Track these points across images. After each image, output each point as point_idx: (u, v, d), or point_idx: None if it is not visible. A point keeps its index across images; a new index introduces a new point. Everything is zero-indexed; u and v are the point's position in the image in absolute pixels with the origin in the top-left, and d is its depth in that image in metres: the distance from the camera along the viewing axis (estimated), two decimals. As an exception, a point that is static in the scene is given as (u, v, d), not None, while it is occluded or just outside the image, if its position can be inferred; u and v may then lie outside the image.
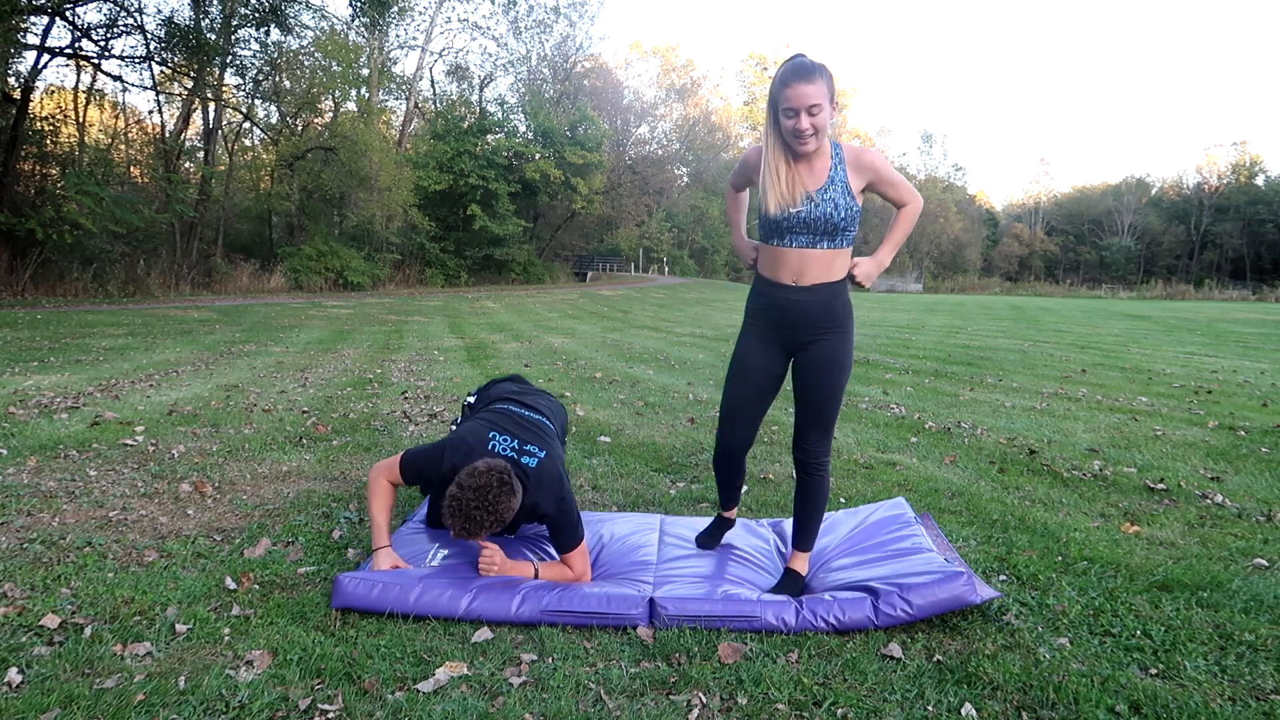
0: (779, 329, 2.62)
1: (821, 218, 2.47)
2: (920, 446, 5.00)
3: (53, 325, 11.16)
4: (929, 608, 2.43)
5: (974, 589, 2.45)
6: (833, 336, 2.58)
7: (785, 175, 2.48)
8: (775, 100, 2.43)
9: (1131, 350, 11.41)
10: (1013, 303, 30.69)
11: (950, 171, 72.46)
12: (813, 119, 2.37)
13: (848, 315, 2.60)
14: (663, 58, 54.19)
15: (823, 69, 2.39)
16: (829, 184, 2.47)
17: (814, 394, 2.60)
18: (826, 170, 2.48)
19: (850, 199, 2.47)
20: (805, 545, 2.77)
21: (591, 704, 2.06)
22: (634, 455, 4.67)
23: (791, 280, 2.54)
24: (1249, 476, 4.36)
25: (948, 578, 2.47)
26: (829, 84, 2.39)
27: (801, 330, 2.58)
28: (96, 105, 23.40)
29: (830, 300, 2.56)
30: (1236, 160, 65.94)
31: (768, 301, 2.61)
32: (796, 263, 2.53)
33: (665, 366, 8.78)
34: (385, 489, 2.78)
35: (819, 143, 2.43)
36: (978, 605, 2.50)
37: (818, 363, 2.58)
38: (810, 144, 2.41)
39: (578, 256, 44.51)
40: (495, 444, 2.74)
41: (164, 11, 36.39)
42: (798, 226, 2.49)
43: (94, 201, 16.58)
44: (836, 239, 2.51)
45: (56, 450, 4.34)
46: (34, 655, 2.20)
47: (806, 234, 2.50)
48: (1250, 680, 2.20)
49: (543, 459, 2.75)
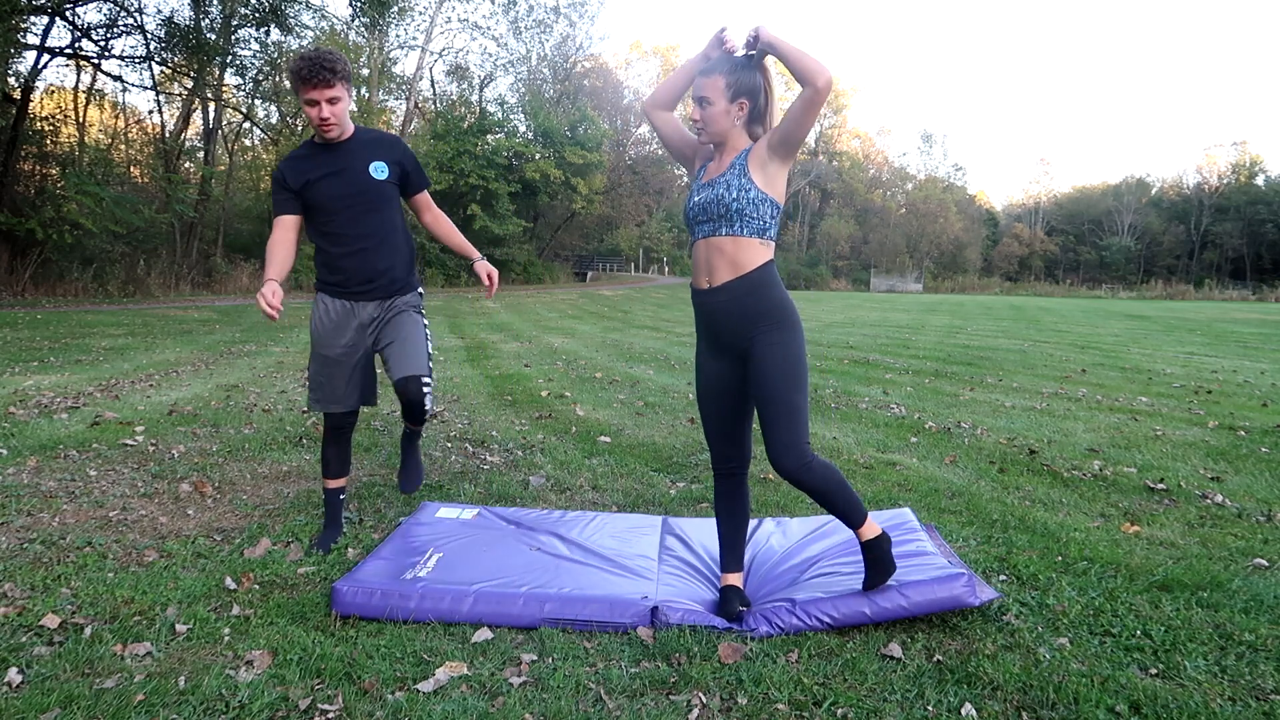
0: (714, 336, 2.53)
1: (714, 200, 2.42)
2: (920, 446, 5.00)
3: (53, 325, 11.16)
4: (926, 605, 2.43)
5: (973, 590, 2.45)
6: (766, 336, 2.40)
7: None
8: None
9: (1131, 350, 11.41)
10: (1013, 303, 30.69)
11: (950, 171, 72.37)
12: (703, 111, 2.43)
13: (778, 310, 2.41)
14: (663, 58, 54.24)
15: (735, 66, 2.40)
16: (729, 170, 2.44)
17: (766, 399, 2.39)
18: (734, 157, 2.47)
19: (745, 180, 2.39)
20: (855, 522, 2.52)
21: (591, 704, 2.06)
22: (634, 455, 4.67)
23: (705, 282, 2.47)
24: (1249, 476, 4.36)
25: (948, 578, 2.47)
26: (734, 81, 2.40)
27: (733, 334, 2.45)
28: (96, 105, 23.41)
29: (745, 298, 2.40)
30: (1236, 160, 65.92)
31: (696, 310, 2.56)
32: (704, 257, 2.46)
33: (665, 366, 8.78)
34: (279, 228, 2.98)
35: (710, 135, 2.47)
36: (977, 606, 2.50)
37: (754, 368, 2.41)
38: (702, 136, 2.49)
39: (578, 256, 44.52)
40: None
41: (164, 11, 36.36)
42: (700, 215, 2.47)
43: (94, 201, 16.58)
44: (735, 224, 2.40)
45: (56, 450, 4.34)
46: (34, 655, 2.20)
47: (707, 221, 2.45)
48: (1250, 680, 2.20)
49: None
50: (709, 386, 2.59)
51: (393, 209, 3.04)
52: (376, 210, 2.98)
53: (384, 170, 2.98)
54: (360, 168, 2.95)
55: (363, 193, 2.95)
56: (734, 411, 2.59)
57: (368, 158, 2.96)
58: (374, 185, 2.96)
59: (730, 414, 2.59)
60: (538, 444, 4.91)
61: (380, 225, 3.00)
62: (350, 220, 2.97)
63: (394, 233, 3.05)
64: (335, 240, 2.98)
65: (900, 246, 60.37)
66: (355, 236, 2.98)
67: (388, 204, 3.01)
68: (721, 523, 2.70)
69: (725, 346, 2.51)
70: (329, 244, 2.99)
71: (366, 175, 2.95)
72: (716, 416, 2.61)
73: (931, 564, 2.65)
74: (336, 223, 2.96)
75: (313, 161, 2.95)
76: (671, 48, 55.24)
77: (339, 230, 2.97)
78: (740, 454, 2.64)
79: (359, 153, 2.96)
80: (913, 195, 66.74)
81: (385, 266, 3.02)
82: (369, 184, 2.95)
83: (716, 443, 2.65)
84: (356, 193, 2.95)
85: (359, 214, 2.97)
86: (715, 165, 2.52)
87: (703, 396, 2.62)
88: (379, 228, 3.00)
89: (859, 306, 23.45)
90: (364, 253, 2.99)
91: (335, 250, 2.99)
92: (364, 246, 2.98)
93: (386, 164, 2.99)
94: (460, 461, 4.51)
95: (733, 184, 2.41)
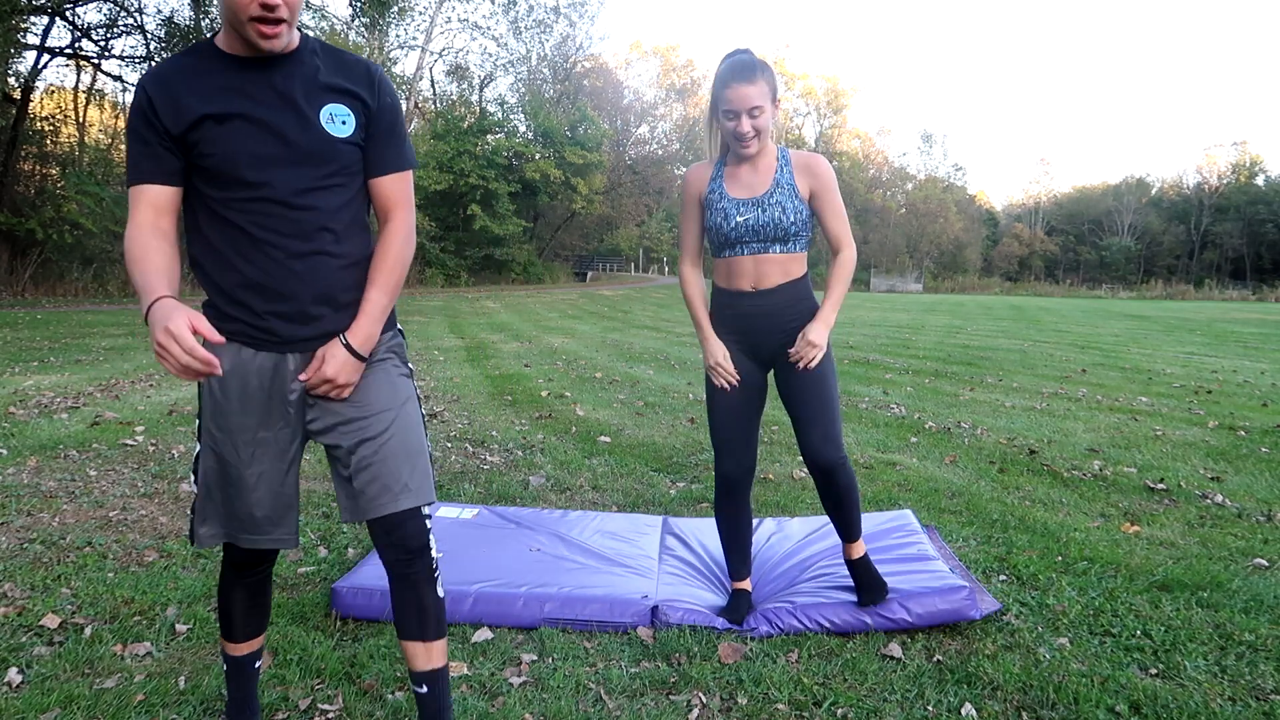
0: (748, 339, 2.45)
1: (770, 223, 2.34)
2: (920, 446, 5.00)
3: (53, 325, 11.16)
4: (928, 617, 2.44)
5: (975, 604, 2.46)
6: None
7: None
8: (715, 101, 2.33)
9: (1131, 350, 11.41)
10: (1013, 303, 30.69)
11: (950, 171, 72.31)
12: (754, 121, 2.26)
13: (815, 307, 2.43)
14: (663, 58, 54.20)
15: (764, 67, 2.28)
16: (774, 187, 2.35)
17: (807, 394, 2.40)
18: (771, 172, 2.37)
19: (799, 202, 2.35)
20: (853, 533, 2.51)
21: (591, 704, 2.06)
22: (634, 455, 4.67)
23: (750, 286, 2.40)
24: (1249, 476, 4.36)
25: (949, 589, 2.48)
26: (771, 83, 2.28)
27: (773, 336, 2.42)
28: (96, 105, 23.41)
29: (796, 302, 2.41)
30: (1236, 160, 65.94)
31: (732, 312, 2.45)
32: (753, 268, 2.38)
33: (665, 366, 8.78)
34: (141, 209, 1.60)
35: (761, 144, 2.33)
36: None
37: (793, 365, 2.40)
38: (752, 146, 2.31)
39: (578, 256, 44.53)
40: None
41: (164, 11, 36.38)
42: (746, 235, 2.36)
43: (94, 201, 16.59)
44: (789, 244, 2.37)
45: (56, 450, 4.34)
46: (34, 655, 2.21)
47: (757, 241, 2.36)
48: (1250, 680, 2.20)
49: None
50: (734, 395, 2.48)
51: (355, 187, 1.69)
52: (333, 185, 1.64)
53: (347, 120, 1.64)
54: (302, 109, 1.60)
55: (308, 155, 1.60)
56: (754, 414, 2.53)
57: (318, 97, 1.62)
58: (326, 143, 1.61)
59: (751, 416, 2.53)
60: (538, 444, 4.91)
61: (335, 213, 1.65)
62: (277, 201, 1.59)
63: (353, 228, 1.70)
64: (246, 240, 1.60)
65: (900, 246, 60.34)
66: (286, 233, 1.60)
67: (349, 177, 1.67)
68: (731, 532, 2.62)
69: (757, 351, 2.46)
70: (231, 246, 1.60)
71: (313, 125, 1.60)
72: (739, 418, 2.50)
73: (933, 571, 2.65)
74: (251, 206, 1.58)
75: (212, 82, 1.57)
76: (671, 48, 55.21)
77: (256, 220, 1.59)
78: (753, 459, 2.57)
79: (304, 83, 1.61)
80: (913, 195, 66.72)
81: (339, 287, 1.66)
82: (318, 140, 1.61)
83: (735, 447, 2.52)
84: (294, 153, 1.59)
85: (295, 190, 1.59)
86: (751, 178, 2.39)
87: (728, 399, 2.49)
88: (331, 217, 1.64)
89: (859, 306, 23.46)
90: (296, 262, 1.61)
91: (243, 258, 1.60)
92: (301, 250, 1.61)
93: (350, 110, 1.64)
94: (460, 461, 4.51)
95: (787, 207, 2.34)
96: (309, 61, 1.64)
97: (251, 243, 1.60)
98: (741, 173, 2.40)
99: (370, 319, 1.67)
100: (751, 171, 2.39)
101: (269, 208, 1.58)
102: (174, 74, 1.58)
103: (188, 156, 1.58)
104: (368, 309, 1.68)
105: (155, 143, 1.57)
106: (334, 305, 1.67)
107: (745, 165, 2.40)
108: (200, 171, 1.59)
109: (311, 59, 1.64)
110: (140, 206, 1.59)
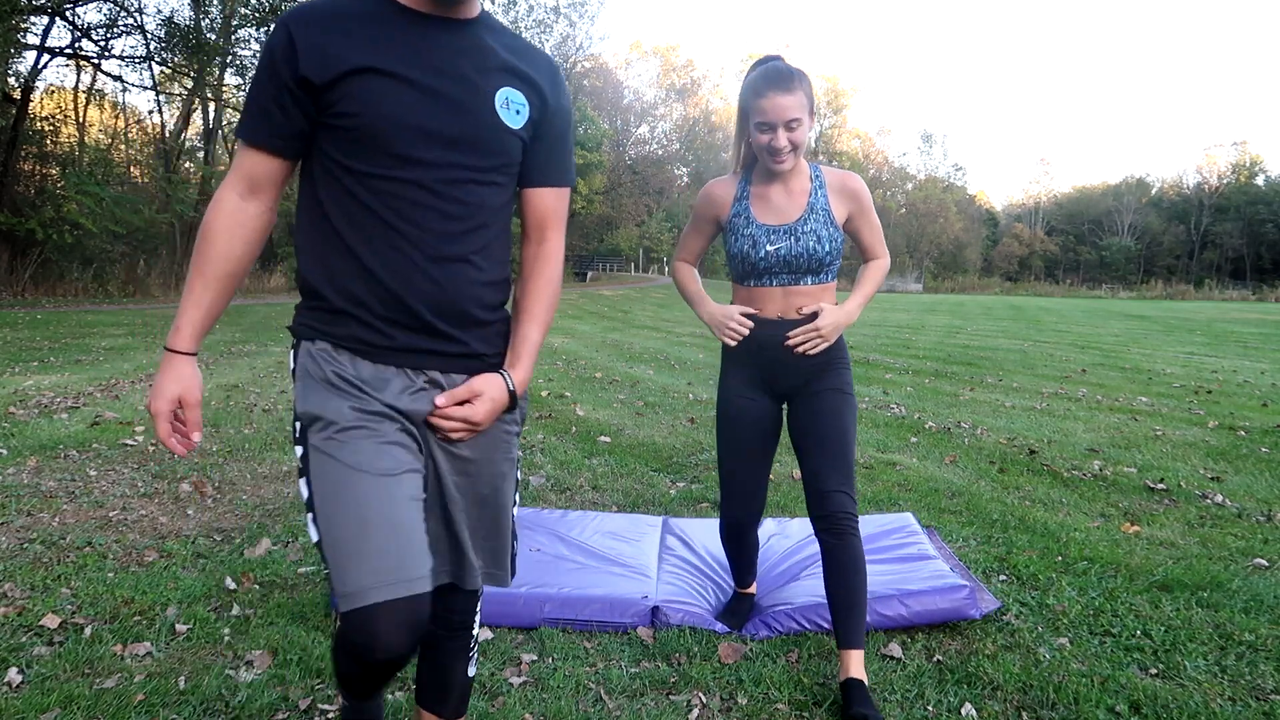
0: (767, 372, 2.22)
1: (804, 253, 2.12)
2: (920, 446, 5.00)
3: (53, 325, 11.16)
4: (927, 615, 2.44)
5: (974, 603, 2.46)
6: (835, 369, 2.21)
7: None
8: (746, 111, 2.09)
9: (1131, 350, 11.41)
10: (1013, 303, 30.69)
11: (950, 171, 72.45)
12: (791, 135, 2.03)
13: (842, 348, 2.24)
14: (663, 58, 54.24)
15: (802, 76, 2.05)
16: (808, 213, 2.13)
17: (827, 437, 2.15)
18: (805, 195, 2.15)
19: (834, 229, 2.14)
20: (856, 641, 2.09)
21: (591, 704, 2.06)
22: (634, 455, 4.67)
23: (778, 314, 2.17)
24: (1249, 476, 4.36)
25: (949, 588, 2.48)
26: (809, 93, 2.06)
27: (797, 369, 2.19)
28: (96, 105, 23.42)
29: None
30: (1236, 160, 66.02)
31: (753, 342, 2.19)
32: (781, 300, 2.17)
33: (665, 366, 8.78)
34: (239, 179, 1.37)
35: (796, 161, 2.10)
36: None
37: (824, 400, 2.18)
38: (787, 162, 2.07)
39: (578, 256, 44.51)
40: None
41: (164, 11, 36.41)
42: (776, 266, 2.14)
43: (94, 201, 16.59)
44: (821, 275, 2.17)
45: (56, 450, 4.34)
46: (34, 655, 2.20)
47: (788, 273, 2.15)
48: (1250, 680, 2.20)
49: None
50: (747, 433, 2.26)
51: (511, 191, 1.48)
52: (490, 182, 1.40)
53: (522, 110, 1.41)
54: (477, 85, 1.37)
55: (475, 139, 1.36)
56: (768, 453, 2.31)
57: (494, 76, 1.39)
58: (497, 130, 1.38)
59: (766, 456, 2.30)
60: (538, 444, 4.91)
61: (491, 215, 1.42)
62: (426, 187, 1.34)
63: (502, 239, 1.47)
64: (380, 228, 1.33)
65: (900, 246, 60.36)
66: (432, 228, 1.34)
67: (509, 177, 1.45)
68: (738, 557, 2.53)
69: (775, 384, 2.23)
70: (359, 232, 1.33)
71: (487, 106, 1.37)
72: (751, 459, 2.28)
73: (933, 570, 2.65)
74: (395, 189, 1.32)
75: (373, 31, 1.32)
76: (672, 47, 55.26)
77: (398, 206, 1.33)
78: (762, 504, 2.37)
79: (480, 56, 1.38)
80: (913, 195, 66.79)
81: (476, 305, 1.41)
82: (489, 124, 1.37)
83: (745, 491, 2.31)
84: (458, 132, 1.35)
85: (451, 178, 1.35)
86: (782, 201, 2.16)
87: (733, 440, 2.28)
88: (487, 219, 1.41)
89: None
90: (436, 267, 1.36)
91: (371, 249, 1.33)
92: (445, 254, 1.36)
93: (526, 101, 1.42)
94: (460, 461, 4.51)
95: (822, 235, 2.13)
96: (487, 36, 1.40)
97: (386, 233, 1.32)
98: (771, 194, 2.17)
99: (531, 359, 1.45)
100: (783, 193, 2.16)
101: (416, 194, 1.31)
102: (328, 15, 1.31)
103: (322, 116, 1.30)
104: (528, 349, 1.44)
105: (280, 95, 1.29)
106: (463, 324, 1.39)
107: (775, 185, 2.17)
108: (336, 137, 1.31)
109: (489, 35, 1.41)
110: (237, 172, 1.36)
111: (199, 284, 1.36)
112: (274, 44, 1.29)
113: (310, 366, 1.35)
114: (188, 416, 1.36)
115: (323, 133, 1.32)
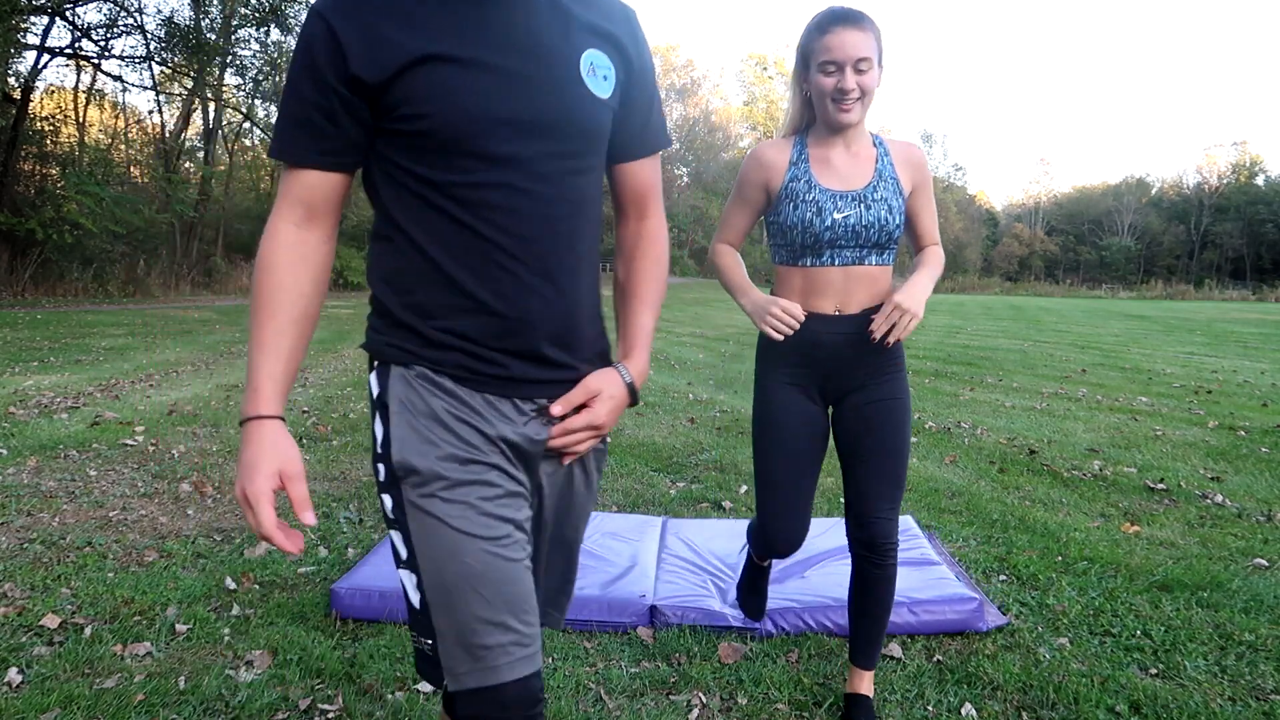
0: (819, 372, 1.93)
1: (874, 223, 1.86)
2: (920, 446, 5.00)
3: (53, 325, 11.16)
4: (935, 625, 2.44)
5: (982, 616, 2.46)
6: (895, 372, 1.96)
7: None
8: (807, 54, 1.81)
9: (1131, 350, 11.41)
10: (1013, 303, 30.69)
11: (950, 171, 72.47)
12: (860, 78, 1.76)
13: (900, 347, 1.97)
14: (663, 58, 54.20)
15: (873, 20, 1.81)
16: (878, 180, 1.88)
17: (882, 448, 1.92)
18: (872, 161, 1.89)
19: (902, 200, 1.90)
20: (872, 663, 2.03)
21: (591, 704, 2.06)
22: (634, 455, 4.67)
23: (834, 308, 1.89)
24: (1249, 476, 4.36)
25: (958, 599, 2.49)
26: (879, 37, 1.81)
27: (853, 373, 1.93)
28: (96, 105, 23.41)
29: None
30: (1236, 160, 65.99)
31: (805, 338, 1.88)
32: (841, 284, 1.88)
33: (665, 366, 8.78)
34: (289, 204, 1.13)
35: (863, 115, 1.83)
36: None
37: (881, 409, 1.93)
38: (854, 112, 1.79)
39: (578, 256, 44.54)
40: None
41: (164, 11, 36.40)
42: (844, 237, 1.86)
43: (94, 201, 16.59)
44: (885, 253, 1.93)
45: (56, 450, 4.34)
46: (34, 655, 2.21)
47: (853, 247, 1.87)
48: (1250, 680, 2.20)
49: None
50: (795, 442, 1.95)
51: (602, 173, 1.26)
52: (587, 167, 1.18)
53: (609, 76, 1.18)
54: (561, 52, 1.14)
55: (567, 120, 1.13)
56: (816, 465, 2.01)
57: (577, 38, 1.16)
58: (589, 104, 1.15)
59: (814, 470, 2.01)
60: (538, 444, 4.91)
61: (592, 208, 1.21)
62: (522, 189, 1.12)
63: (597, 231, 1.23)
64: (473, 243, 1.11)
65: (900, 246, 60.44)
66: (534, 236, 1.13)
67: (599, 157, 1.22)
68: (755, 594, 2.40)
69: (825, 387, 1.96)
70: (446, 251, 1.11)
71: (576, 76, 1.14)
72: (804, 469, 1.98)
73: (940, 578, 2.65)
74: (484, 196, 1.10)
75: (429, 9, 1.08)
76: (671, 47, 55.24)
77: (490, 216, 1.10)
78: (806, 529, 2.03)
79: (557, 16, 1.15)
80: (913, 195, 66.80)
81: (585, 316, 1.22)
82: (580, 99, 1.14)
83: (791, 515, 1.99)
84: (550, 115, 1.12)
85: (546, 172, 1.13)
86: (847, 166, 1.89)
87: (780, 451, 1.96)
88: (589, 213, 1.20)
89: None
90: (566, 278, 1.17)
91: (466, 269, 1.11)
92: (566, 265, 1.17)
93: (610, 63, 1.19)
94: (460, 461, 4.51)
95: (893, 205, 1.88)
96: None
97: (488, 251, 1.09)
98: (833, 157, 1.89)
99: (647, 350, 1.28)
100: (848, 158, 1.89)
101: (512, 198, 1.08)
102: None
103: (382, 121, 1.07)
104: (642, 338, 1.28)
105: (326, 100, 1.05)
106: (579, 345, 1.20)
107: (838, 147, 1.89)
108: (404, 143, 1.07)
109: None
110: (287, 201, 1.11)
111: (269, 330, 1.11)
112: (310, 39, 1.05)
113: (410, 398, 1.13)
114: (293, 494, 1.05)
115: (384, 140, 1.09)
